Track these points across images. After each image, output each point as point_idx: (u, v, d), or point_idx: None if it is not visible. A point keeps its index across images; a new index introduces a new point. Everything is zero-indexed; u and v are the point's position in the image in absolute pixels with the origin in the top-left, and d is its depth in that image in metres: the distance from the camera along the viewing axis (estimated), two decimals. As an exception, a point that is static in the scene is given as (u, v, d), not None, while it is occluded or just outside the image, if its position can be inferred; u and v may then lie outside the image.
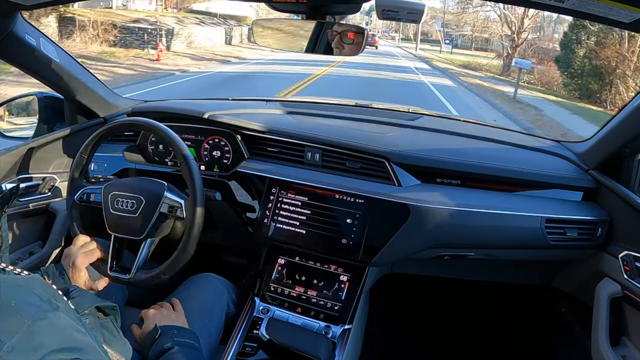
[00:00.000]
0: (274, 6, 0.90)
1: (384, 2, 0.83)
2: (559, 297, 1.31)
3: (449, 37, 31.25)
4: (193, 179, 0.94)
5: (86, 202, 1.01)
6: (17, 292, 0.47)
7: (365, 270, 1.08)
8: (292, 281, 1.10)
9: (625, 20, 0.64)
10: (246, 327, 1.02)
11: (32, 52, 1.08)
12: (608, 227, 1.07)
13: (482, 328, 1.54)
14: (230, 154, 1.22)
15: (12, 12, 0.97)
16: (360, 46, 0.87)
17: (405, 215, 1.02)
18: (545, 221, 1.04)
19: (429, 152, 1.12)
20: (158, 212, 0.95)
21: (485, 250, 1.11)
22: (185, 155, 0.96)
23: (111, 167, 1.28)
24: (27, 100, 1.45)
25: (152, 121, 1.02)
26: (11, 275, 0.53)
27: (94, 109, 1.37)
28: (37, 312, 0.46)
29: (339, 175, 1.13)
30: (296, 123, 1.27)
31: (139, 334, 0.89)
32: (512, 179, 1.10)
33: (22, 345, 0.42)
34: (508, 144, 1.25)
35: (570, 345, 1.27)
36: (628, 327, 0.99)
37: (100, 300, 0.81)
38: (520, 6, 0.89)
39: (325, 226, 1.07)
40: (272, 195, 1.13)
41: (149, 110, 1.26)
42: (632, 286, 0.96)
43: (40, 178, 1.26)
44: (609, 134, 1.07)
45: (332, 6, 0.87)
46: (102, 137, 1.01)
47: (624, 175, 1.06)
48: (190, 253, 0.94)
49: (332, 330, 1.01)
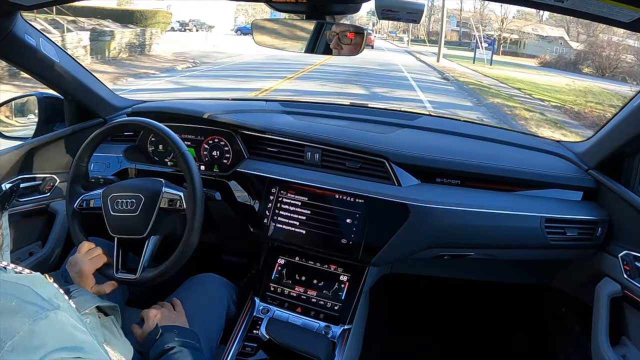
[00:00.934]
0: (274, 6, 0.91)
1: (384, 2, 0.83)
2: (559, 297, 1.31)
3: (489, 40, 21.08)
4: (190, 170, 0.95)
5: (86, 208, 1.01)
6: (18, 291, 0.47)
7: (365, 270, 1.08)
8: (292, 281, 1.10)
9: (625, 20, 0.64)
10: (246, 327, 1.02)
11: (32, 52, 1.08)
12: (608, 226, 1.07)
13: (482, 328, 1.54)
14: (230, 154, 1.22)
15: (12, 12, 0.97)
16: (359, 46, 0.87)
17: (405, 215, 1.02)
18: (545, 221, 1.04)
19: (429, 152, 1.12)
20: (158, 208, 0.96)
21: (485, 250, 1.11)
22: (180, 147, 0.97)
23: (111, 167, 1.28)
24: (27, 101, 1.45)
25: (142, 119, 1.03)
26: (12, 273, 0.52)
27: (94, 109, 1.37)
28: (38, 311, 0.46)
29: (339, 175, 1.13)
30: (296, 123, 1.27)
31: (139, 334, 0.89)
32: (512, 179, 1.10)
33: (23, 344, 0.42)
34: (508, 143, 1.25)
35: (570, 345, 1.27)
36: (628, 327, 1.00)
37: (100, 300, 0.81)
38: (521, 6, 0.89)
39: (325, 226, 1.07)
40: (272, 195, 1.13)
41: (148, 110, 1.27)
42: (632, 286, 0.96)
43: (40, 178, 1.26)
44: (609, 133, 1.07)
45: (332, 6, 0.87)
46: (95, 144, 1.03)
47: (624, 175, 1.06)
48: (194, 244, 0.95)
49: (332, 330, 1.01)
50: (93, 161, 1.15)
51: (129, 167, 1.28)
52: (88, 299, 0.78)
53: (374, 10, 0.90)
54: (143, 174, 1.26)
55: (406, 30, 42.73)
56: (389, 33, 57.83)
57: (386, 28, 59.05)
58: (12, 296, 0.46)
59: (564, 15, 0.69)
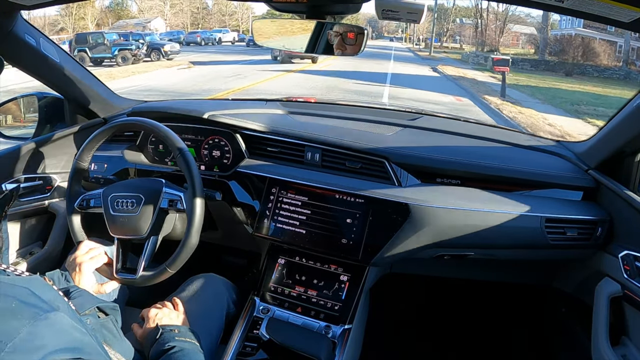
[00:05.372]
0: (274, 6, 0.91)
1: (384, 2, 0.83)
2: (559, 297, 1.31)
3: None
4: (190, 170, 0.95)
5: (86, 208, 1.01)
6: (17, 293, 0.47)
7: (365, 270, 1.08)
8: (292, 281, 1.10)
9: (625, 20, 0.64)
10: (246, 327, 1.02)
11: (32, 52, 1.08)
12: (608, 226, 1.06)
13: (482, 328, 1.54)
14: (230, 154, 1.22)
15: (12, 12, 0.97)
16: (360, 46, 0.87)
17: (405, 215, 1.02)
18: (545, 221, 1.04)
19: (429, 152, 1.12)
20: (158, 208, 0.96)
21: (485, 250, 1.11)
22: (180, 148, 0.97)
23: (111, 167, 1.28)
24: (27, 100, 1.45)
25: (142, 119, 1.03)
26: (11, 276, 0.53)
27: (94, 109, 1.37)
28: (38, 313, 0.46)
29: (339, 175, 1.13)
30: (296, 123, 1.27)
31: (139, 334, 0.89)
32: (512, 179, 1.10)
33: (23, 346, 0.42)
34: (508, 143, 1.25)
35: (570, 345, 1.27)
36: (628, 327, 0.99)
37: (100, 301, 0.81)
38: (520, 6, 0.89)
39: (325, 226, 1.07)
40: (272, 195, 1.13)
41: (148, 110, 1.27)
42: (632, 286, 0.96)
43: (40, 178, 1.26)
44: (609, 133, 1.07)
45: (332, 6, 0.87)
46: (95, 144, 1.03)
47: (624, 175, 1.06)
48: (194, 244, 0.95)
49: (332, 330, 1.01)
50: (93, 161, 1.15)
51: (129, 167, 1.28)
52: (88, 299, 0.78)
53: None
54: (143, 174, 1.26)
55: (463, 36, 30.36)
56: (424, 40, 37.51)
57: (421, 32, 39.96)
58: (12, 298, 0.46)
59: (563, 15, 0.69)
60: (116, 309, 0.83)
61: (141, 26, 32.01)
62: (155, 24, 34.34)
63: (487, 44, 29.85)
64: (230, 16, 39.94)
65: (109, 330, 0.78)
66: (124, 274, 0.96)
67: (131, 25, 31.63)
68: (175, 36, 27.43)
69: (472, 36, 37.30)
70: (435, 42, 37.80)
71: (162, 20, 36.00)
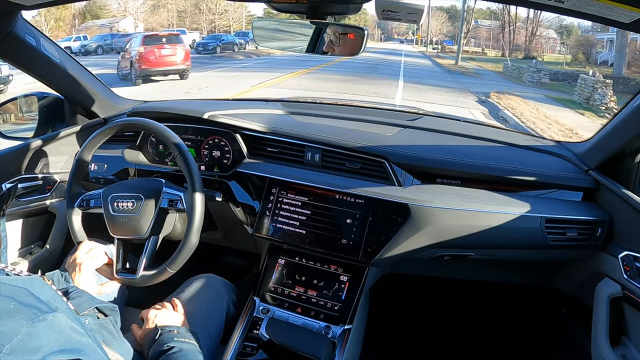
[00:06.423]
0: (274, 6, 0.90)
1: (384, 3, 0.83)
2: (559, 297, 1.31)
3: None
4: (190, 169, 0.95)
5: (86, 208, 1.02)
6: (16, 293, 0.47)
7: (365, 270, 1.08)
8: (292, 281, 1.10)
9: (625, 21, 0.64)
10: (246, 327, 1.02)
11: (32, 52, 1.08)
12: (608, 227, 1.06)
13: (482, 328, 1.54)
14: (230, 154, 1.22)
15: (12, 12, 0.97)
16: (360, 46, 0.87)
17: (405, 216, 1.02)
18: (545, 221, 1.04)
19: (429, 152, 1.12)
20: (158, 208, 0.96)
21: (485, 250, 1.11)
22: (180, 146, 0.97)
23: (111, 167, 1.28)
24: (27, 100, 1.45)
25: (142, 119, 1.03)
26: (10, 276, 0.53)
27: (94, 109, 1.37)
28: (36, 314, 0.46)
29: (339, 175, 1.13)
30: (296, 123, 1.27)
31: (139, 334, 0.89)
32: (512, 179, 1.10)
33: (21, 347, 0.42)
34: (508, 144, 1.25)
35: (570, 346, 1.26)
36: (628, 327, 0.99)
37: (99, 301, 0.81)
38: (520, 6, 0.89)
39: (325, 226, 1.07)
40: (272, 196, 1.13)
41: (149, 110, 1.26)
42: (632, 286, 0.96)
43: (40, 178, 1.26)
44: (609, 134, 1.07)
45: (332, 6, 0.87)
46: (95, 144, 1.03)
47: (624, 176, 1.06)
48: (194, 244, 0.95)
49: (332, 330, 1.01)
50: (93, 161, 1.15)
51: (129, 167, 1.28)
52: (87, 299, 0.78)
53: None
54: (143, 174, 1.26)
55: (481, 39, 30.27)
56: (442, 44, 36.90)
57: (434, 34, 38.99)
58: (10, 298, 0.46)
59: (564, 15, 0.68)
60: (115, 310, 0.83)
61: (108, 27, 29.08)
62: (124, 24, 30.84)
63: (522, 49, 27.94)
64: (221, 15, 36.63)
65: (108, 331, 0.78)
66: (124, 274, 0.96)
67: (96, 27, 28.96)
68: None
69: (485, 38, 36.15)
70: (450, 44, 35.58)
71: (132, 20, 32.22)
